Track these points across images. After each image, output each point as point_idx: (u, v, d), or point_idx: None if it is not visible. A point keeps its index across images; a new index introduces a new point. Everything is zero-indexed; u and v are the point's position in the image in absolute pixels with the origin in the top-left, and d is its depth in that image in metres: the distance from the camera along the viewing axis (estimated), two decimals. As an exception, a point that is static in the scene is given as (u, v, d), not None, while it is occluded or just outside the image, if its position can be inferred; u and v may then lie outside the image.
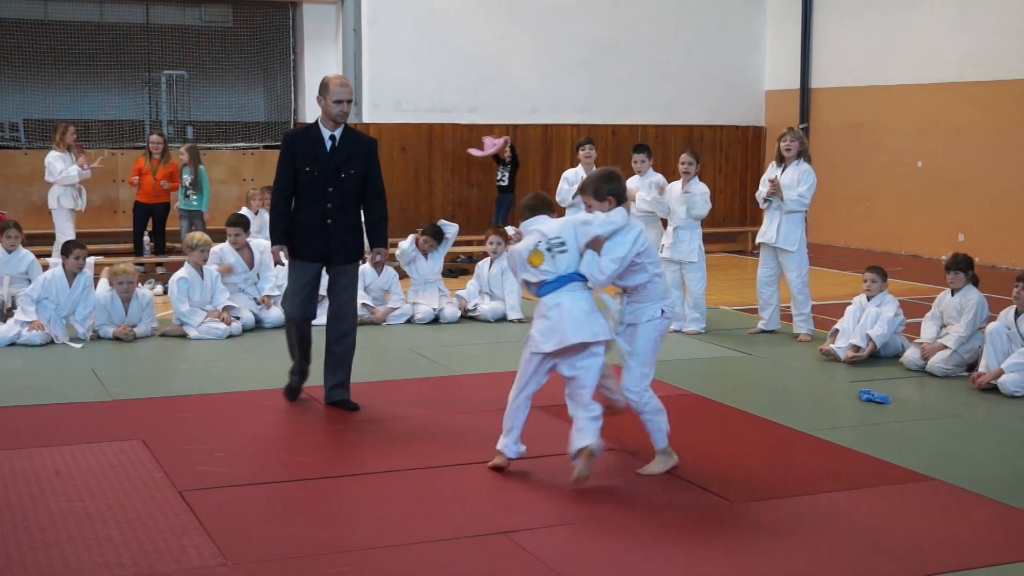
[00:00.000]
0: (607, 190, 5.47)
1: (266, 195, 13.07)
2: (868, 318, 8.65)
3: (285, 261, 6.81)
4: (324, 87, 6.62)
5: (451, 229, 10.68)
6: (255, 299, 9.93)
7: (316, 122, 6.73)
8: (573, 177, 10.61)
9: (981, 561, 4.56)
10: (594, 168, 10.48)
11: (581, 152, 10.59)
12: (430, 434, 6.39)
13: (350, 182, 6.66)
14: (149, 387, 7.58)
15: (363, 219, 6.84)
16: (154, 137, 12.86)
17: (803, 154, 9.75)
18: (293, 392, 7.09)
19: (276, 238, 6.77)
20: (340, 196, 6.64)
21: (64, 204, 12.53)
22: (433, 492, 5.35)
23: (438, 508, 5.10)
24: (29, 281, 9.81)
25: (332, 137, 6.62)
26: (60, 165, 12.39)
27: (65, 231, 12.47)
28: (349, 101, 6.59)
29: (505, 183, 14.80)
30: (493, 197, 16.19)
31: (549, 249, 5.41)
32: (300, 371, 7.07)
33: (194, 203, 12.66)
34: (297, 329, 6.95)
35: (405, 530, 4.76)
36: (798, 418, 6.85)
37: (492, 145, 14.96)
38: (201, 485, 5.42)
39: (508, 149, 14.84)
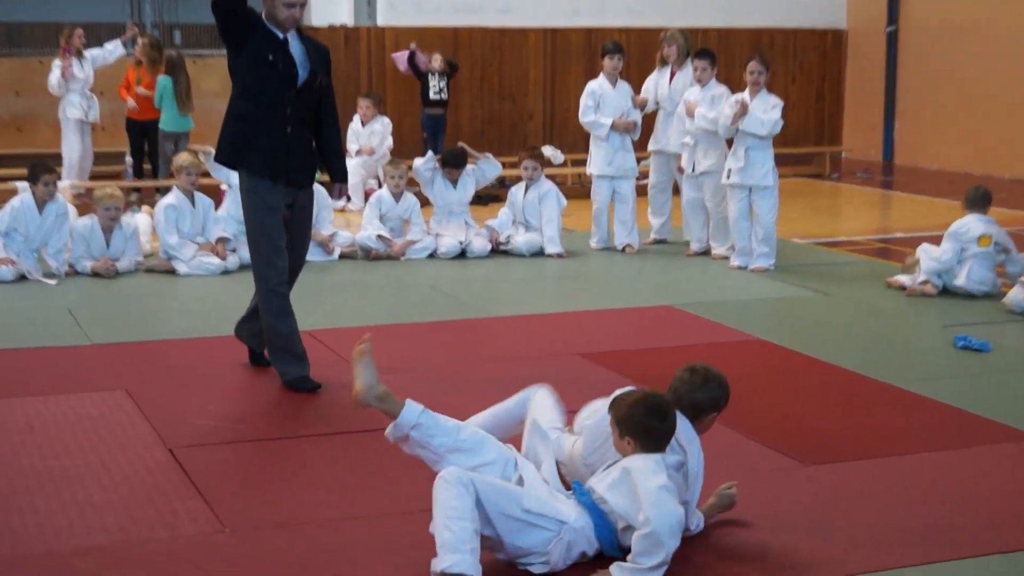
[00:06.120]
0: None
1: None
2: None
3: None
4: None
5: (492, 170, 10.65)
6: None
7: (262, 19, 6.23)
8: (598, 90, 10.51)
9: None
10: (618, 80, 10.43)
11: (607, 61, 10.45)
12: (453, 385, 6.40)
13: (309, 93, 6.30)
14: (133, 330, 7.64)
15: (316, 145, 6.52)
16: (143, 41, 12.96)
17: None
18: (301, 381, 6.33)
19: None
20: (300, 105, 6.27)
21: (70, 115, 12.62)
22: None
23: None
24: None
25: (284, 39, 6.23)
26: (57, 73, 12.56)
27: (72, 147, 12.58)
28: (302, 5, 6.19)
29: (444, 96, 14.25)
30: (527, 112, 16.11)
31: None
32: (299, 353, 6.37)
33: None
34: (281, 276, 6.27)
35: (422, 493, 4.75)
36: (882, 368, 6.81)
37: (420, 60, 14.25)
38: (193, 441, 5.46)
39: (440, 59, 14.24)
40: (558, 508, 4.09)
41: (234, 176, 9.56)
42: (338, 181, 6.64)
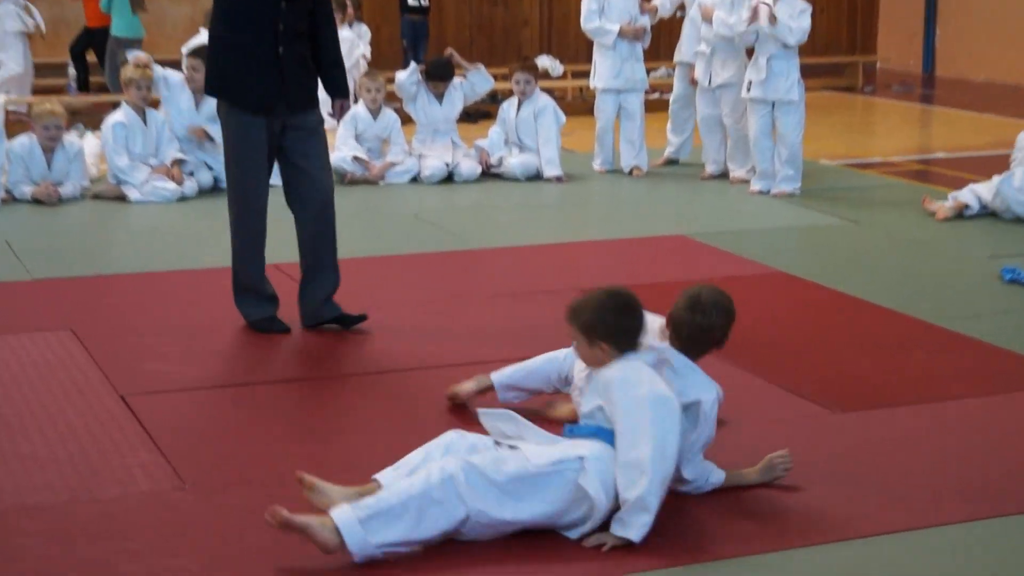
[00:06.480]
0: None
1: None
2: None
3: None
4: None
5: (483, 83, 10.59)
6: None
7: None
8: None
9: None
10: None
11: None
12: (436, 325, 6.41)
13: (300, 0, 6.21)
14: (80, 263, 7.64)
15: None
16: None
17: None
18: (269, 322, 6.35)
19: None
20: (293, 18, 6.17)
21: (9, 27, 12.53)
22: (436, 397, 5.38)
23: (439, 417, 5.13)
24: None
25: None
26: None
27: (13, 60, 12.50)
28: None
29: (425, 1, 14.18)
30: (521, 18, 16.03)
31: None
32: (267, 293, 6.40)
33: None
34: (256, 222, 6.32)
35: (399, 444, 4.77)
36: (919, 304, 6.83)
37: None
38: (148, 388, 5.46)
39: None
40: (567, 451, 4.11)
41: (167, 88, 9.60)
42: (338, 97, 6.48)
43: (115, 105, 10.92)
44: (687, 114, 10.92)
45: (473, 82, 10.56)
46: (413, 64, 10.74)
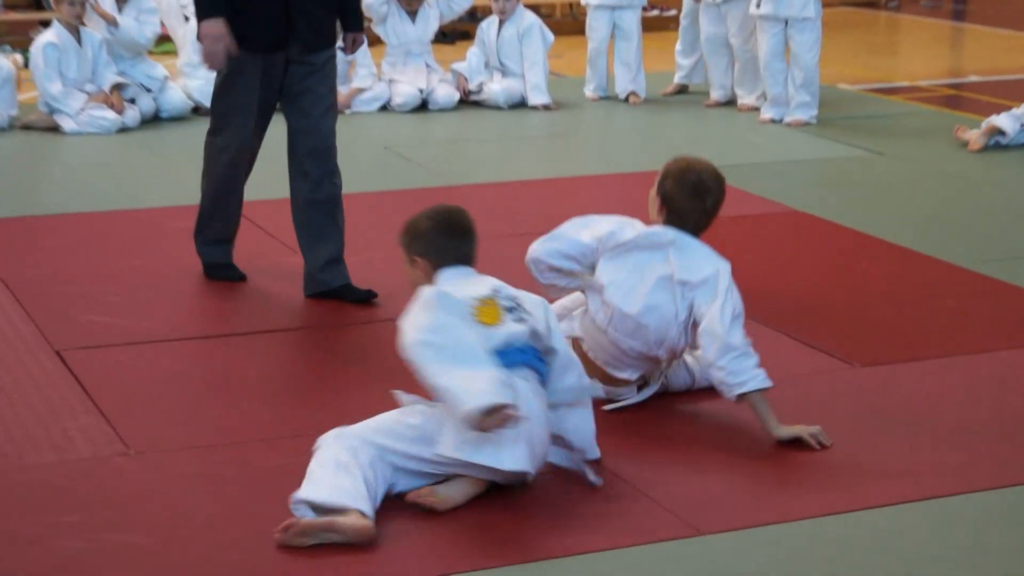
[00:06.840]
0: None
1: None
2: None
3: (233, 51, 5.81)
4: None
5: None
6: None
7: None
8: None
9: None
10: None
11: None
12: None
13: None
14: (8, 202, 7.63)
15: None
16: None
17: None
18: (224, 269, 6.34)
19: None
20: None
21: None
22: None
23: (411, 374, 5.11)
24: None
25: None
26: None
27: None
28: None
29: None
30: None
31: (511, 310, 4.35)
32: (228, 237, 6.36)
33: None
34: (233, 165, 6.18)
35: (367, 404, 4.77)
36: (953, 246, 6.85)
37: None
38: (87, 342, 5.46)
39: None
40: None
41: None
42: (352, 30, 6.27)
43: (45, 23, 10.86)
44: (698, 31, 10.82)
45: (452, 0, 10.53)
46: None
